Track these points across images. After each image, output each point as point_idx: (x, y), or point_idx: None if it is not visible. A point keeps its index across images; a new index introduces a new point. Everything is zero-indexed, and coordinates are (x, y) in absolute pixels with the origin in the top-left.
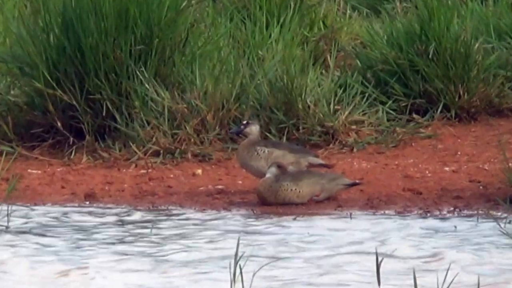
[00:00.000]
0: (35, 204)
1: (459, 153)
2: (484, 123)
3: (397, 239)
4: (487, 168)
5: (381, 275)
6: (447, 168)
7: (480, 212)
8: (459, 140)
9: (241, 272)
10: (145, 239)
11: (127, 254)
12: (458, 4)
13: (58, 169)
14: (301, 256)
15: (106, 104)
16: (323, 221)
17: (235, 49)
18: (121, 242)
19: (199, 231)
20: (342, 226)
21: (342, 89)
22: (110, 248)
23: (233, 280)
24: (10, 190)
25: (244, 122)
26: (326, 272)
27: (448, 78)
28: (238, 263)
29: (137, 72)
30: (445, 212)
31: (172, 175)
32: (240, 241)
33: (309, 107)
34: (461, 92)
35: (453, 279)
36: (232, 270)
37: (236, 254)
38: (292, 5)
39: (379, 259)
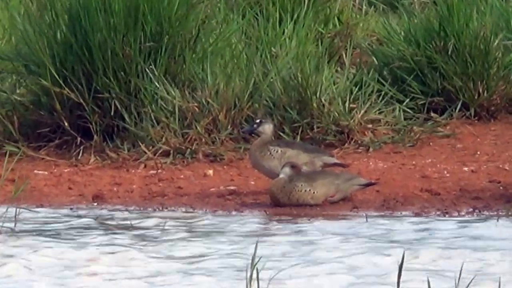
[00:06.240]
0: (42, 206)
1: (478, 152)
2: (504, 122)
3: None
4: (507, 168)
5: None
6: (466, 168)
7: (500, 213)
8: (478, 139)
9: (257, 276)
10: (154, 241)
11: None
12: (478, 0)
13: (65, 170)
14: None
15: (115, 103)
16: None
17: (248, 46)
18: (129, 245)
19: (210, 233)
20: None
21: (358, 87)
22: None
23: (249, 284)
24: (18, 192)
25: (257, 121)
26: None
27: (467, 75)
28: (255, 267)
29: (147, 70)
30: (464, 213)
31: (182, 176)
32: (253, 244)
33: (323, 105)
34: (481, 90)
35: (470, 282)
36: (248, 274)
37: (253, 258)
38: (306, 1)
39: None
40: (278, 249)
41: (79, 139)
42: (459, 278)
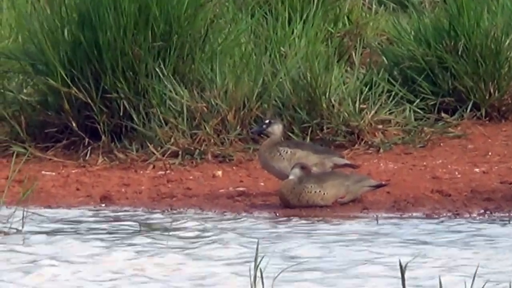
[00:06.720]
0: (49, 207)
1: (489, 153)
2: None
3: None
4: None
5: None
6: (477, 169)
7: None
8: (489, 140)
9: (261, 276)
10: (162, 242)
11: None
12: None
13: (73, 171)
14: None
15: (123, 103)
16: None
17: (257, 46)
18: (136, 247)
19: (219, 235)
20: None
21: (368, 87)
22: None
23: (254, 285)
24: (26, 194)
25: (266, 121)
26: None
27: (478, 75)
28: (259, 267)
29: (156, 69)
30: (475, 215)
31: (191, 177)
32: (262, 245)
33: (333, 106)
34: (492, 90)
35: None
36: (252, 274)
37: (255, 258)
38: (316, 0)
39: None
40: (288, 250)
41: (87, 139)
42: (473, 280)
